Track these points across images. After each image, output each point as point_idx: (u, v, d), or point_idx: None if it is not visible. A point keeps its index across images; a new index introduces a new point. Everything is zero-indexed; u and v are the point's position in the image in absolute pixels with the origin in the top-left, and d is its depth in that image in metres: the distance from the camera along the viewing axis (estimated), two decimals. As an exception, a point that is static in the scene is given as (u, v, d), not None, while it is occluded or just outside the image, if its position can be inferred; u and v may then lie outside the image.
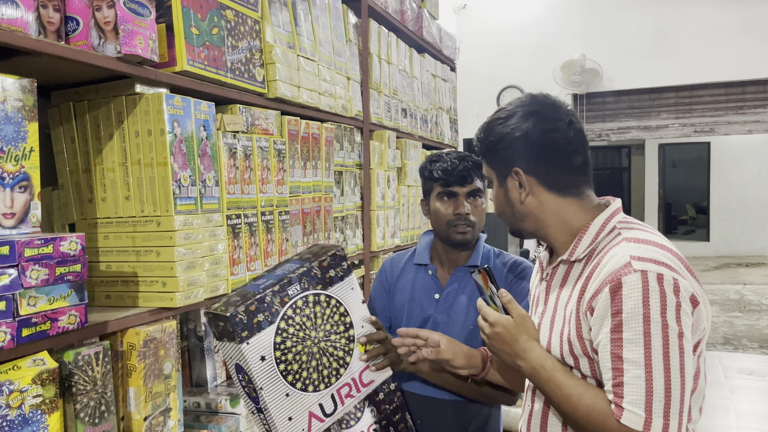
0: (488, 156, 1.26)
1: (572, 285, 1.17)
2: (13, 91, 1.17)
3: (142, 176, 1.46)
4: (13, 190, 1.17)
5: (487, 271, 1.22)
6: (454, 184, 1.72)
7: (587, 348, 1.11)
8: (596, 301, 1.07)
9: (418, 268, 1.83)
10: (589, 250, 1.17)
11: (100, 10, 1.31)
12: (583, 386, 1.12)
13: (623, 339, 1.03)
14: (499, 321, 1.20)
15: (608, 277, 1.06)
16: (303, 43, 2.10)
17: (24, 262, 1.10)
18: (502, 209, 1.26)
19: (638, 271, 1.03)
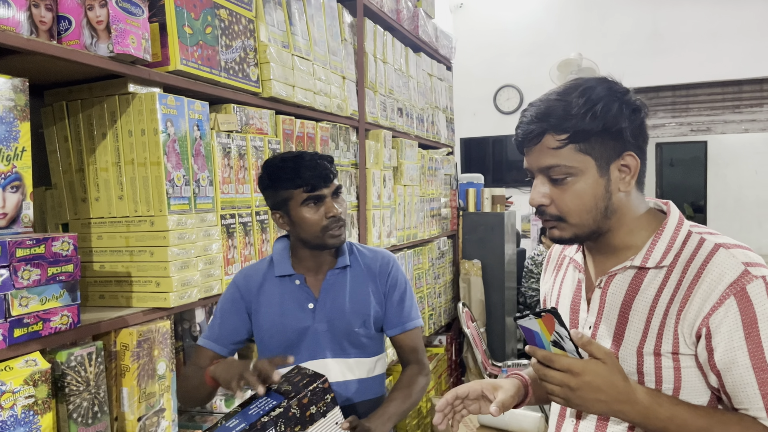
0: (586, 141, 1.03)
1: (655, 295, 1.04)
2: (4, 91, 1.17)
3: (135, 176, 1.46)
4: (5, 190, 1.16)
5: (555, 314, 0.99)
6: (319, 187, 1.51)
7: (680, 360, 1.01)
8: (716, 316, 0.97)
9: (282, 279, 1.59)
10: (671, 257, 1.05)
11: (92, 9, 1.30)
12: (716, 413, 1.00)
13: (764, 350, 0.95)
14: (587, 368, 0.99)
15: (728, 289, 0.96)
16: (298, 42, 2.10)
17: (16, 263, 1.10)
18: (593, 204, 1.05)
19: (759, 277, 0.96)
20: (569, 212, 1.05)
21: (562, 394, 1.00)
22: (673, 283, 1.02)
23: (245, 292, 1.57)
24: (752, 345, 0.95)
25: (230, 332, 1.57)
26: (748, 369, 0.95)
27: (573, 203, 1.05)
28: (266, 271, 1.60)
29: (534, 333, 1.02)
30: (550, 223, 1.08)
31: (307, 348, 1.56)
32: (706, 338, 0.98)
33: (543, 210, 1.08)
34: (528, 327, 1.02)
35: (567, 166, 1.03)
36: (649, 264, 1.05)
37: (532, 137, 1.04)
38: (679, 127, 6.07)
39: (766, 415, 0.95)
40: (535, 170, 1.06)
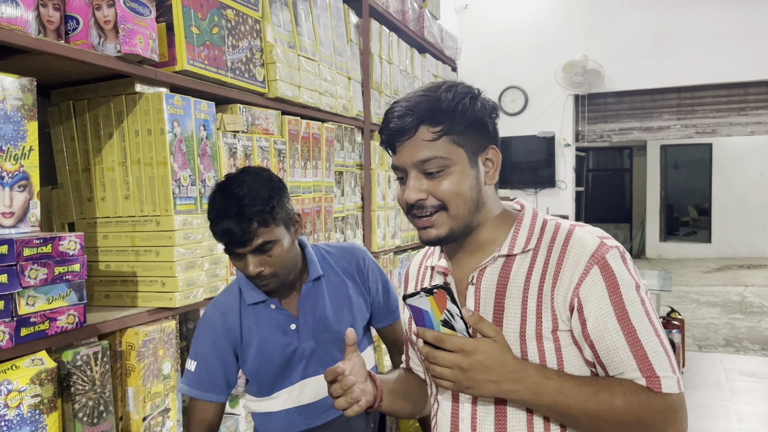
0: (458, 134, 1.04)
1: (525, 278, 1.06)
2: (12, 90, 1.17)
3: (141, 176, 1.46)
4: (12, 189, 1.16)
5: (447, 291, 0.96)
6: (234, 249, 1.35)
7: (559, 340, 1.02)
8: (584, 286, 1.00)
9: (256, 307, 1.49)
10: (534, 241, 1.08)
11: (100, 9, 1.30)
12: (600, 380, 1.01)
13: (629, 313, 0.99)
14: (479, 347, 0.97)
15: (590, 260, 1.01)
16: (304, 42, 2.10)
17: (23, 262, 1.10)
18: (468, 195, 1.05)
19: (614, 247, 1.02)
20: (449, 199, 1.04)
21: (453, 377, 0.98)
22: (541, 263, 1.06)
23: (225, 332, 1.46)
24: (618, 309, 0.99)
25: (222, 378, 1.47)
26: (618, 333, 0.99)
27: (451, 191, 1.05)
28: (239, 302, 1.49)
29: (424, 313, 0.99)
30: (428, 220, 1.05)
31: (298, 370, 1.51)
32: (578, 310, 1.00)
33: (422, 204, 1.05)
34: (418, 306, 0.99)
35: (443, 157, 1.03)
36: (515, 251, 1.07)
37: (407, 129, 1.04)
38: (684, 129, 6.06)
39: (641, 374, 0.98)
40: (409, 166, 1.05)
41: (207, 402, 1.45)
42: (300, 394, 1.54)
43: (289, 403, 1.55)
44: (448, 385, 0.99)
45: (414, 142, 1.04)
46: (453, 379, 0.98)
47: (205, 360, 1.45)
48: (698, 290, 8.83)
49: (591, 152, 14.76)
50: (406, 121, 1.04)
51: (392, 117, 1.05)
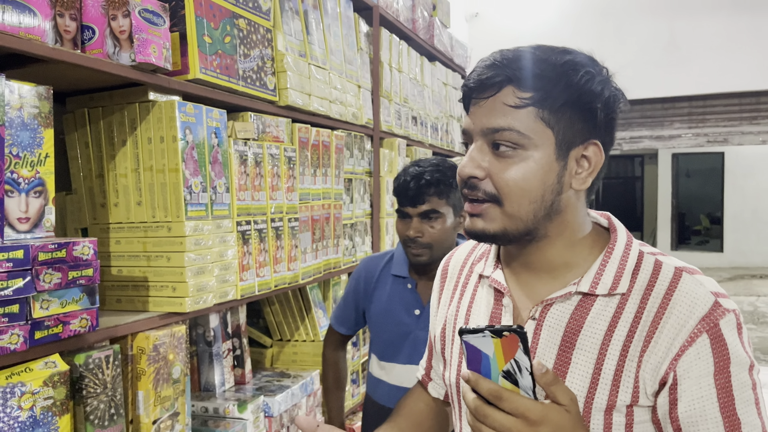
0: (552, 111, 0.82)
1: (606, 331, 0.83)
2: (29, 98, 1.19)
3: (153, 182, 1.48)
4: (28, 195, 1.19)
5: (521, 337, 0.73)
6: (405, 205, 1.62)
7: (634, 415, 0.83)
8: (686, 358, 0.79)
9: (396, 279, 1.72)
10: (626, 283, 0.85)
11: (115, 19, 1.33)
12: None
13: (736, 401, 0.79)
14: (548, 417, 0.73)
15: (700, 324, 0.79)
16: (314, 51, 2.12)
17: (38, 266, 1.12)
18: (539, 193, 0.83)
19: (731, 311, 0.80)
20: (509, 194, 0.81)
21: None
22: (631, 315, 0.83)
23: (366, 279, 1.81)
24: (723, 394, 0.78)
25: (349, 319, 1.88)
26: (718, 424, 0.78)
27: (516, 183, 0.81)
28: (384, 266, 1.78)
29: (483, 356, 0.76)
30: (478, 206, 0.84)
31: (407, 352, 1.67)
32: (671, 386, 0.80)
33: (474, 184, 0.83)
34: (476, 346, 0.76)
35: (520, 132, 0.81)
36: (599, 290, 0.85)
37: (489, 85, 0.82)
38: (695, 137, 6.04)
39: None
40: (477, 131, 0.84)
41: (336, 331, 1.93)
42: (399, 376, 1.70)
43: (393, 379, 1.73)
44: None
45: (491, 104, 0.82)
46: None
47: (344, 301, 1.90)
48: (710, 300, 8.76)
49: (602, 160, 14.69)
50: (489, 75, 0.82)
51: (477, 67, 0.85)
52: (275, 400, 1.85)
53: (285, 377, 2.05)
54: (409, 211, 1.64)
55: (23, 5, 1.19)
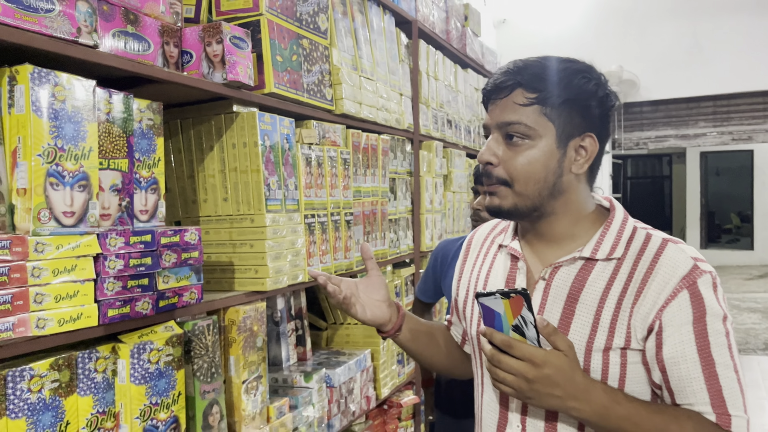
0: (553, 107, 1.00)
1: (604, 288, 1.01)
2: (146, 113, 1.46)
3: (238, 181, 1.75)
4: (147, 191, 1.46)
5: (525, 297, 0.92)
6: (477, 183, 2.08)
7: (627, 356, 0.99)
8: (669, 309, 0.96)
9: None
10: (621, 249, 1.02)
11: (210, 45, 1.60)
12: (669, 409, 0.97)
13: (711, 345, 0.95)
14: (549, 360, 0.92)
15: (681, 282, 0.96)
16: (364, 64, 2.38)
17: (160, 248, 1.39)
18: (543, 175, 1.01)
19: (707, 272, 0.97)
20: (517, 177, 1.01)
21: (515, 384, 0.94)
22: (624, 276, 1.00)
23: (441, 261, 2.29)
24: (700, 339, 0.94)
25: (429, 290, 2.42)
26: (696, 363, 0.94)
27: (523, 168, 1.00)
28: (457, 247, 2.11)
29: (495, 314, 0.95)
30: (493, 187, 1.03)
31: None
32: (657, 332, 0.96)
33: (489, 171, 1.03)
34: (490, 306, 0.95)
35: (527, 125, 1.00)
36: (598, 255, 1.02)
37: (503, 88, 1.02)
38: (720, 136, 6.17)
39: (712, 410, 0.94)
40: (493, 126, 1.03)
41: (419, 300, 2.52)
42: None
43: None
44: (507, 391, 0.96)
45: (504, 103, 1.02)
46: (515, 386, 0.94)
47: (424, 274, 2.46)
48: (740, 296, 8.82)
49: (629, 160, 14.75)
50: (504, 80, 1.02)
51: (494, 75, 1.06)
52: (336, 372, 2.10)
53: (341, 355, 2.30)
54: (479, 189, 2.00)
55: (140, 36, 1.46)
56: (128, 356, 1.30)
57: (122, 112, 1.37)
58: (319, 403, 2.01)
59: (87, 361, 1.24)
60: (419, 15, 3.03)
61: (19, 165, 1.12)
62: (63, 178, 1.18)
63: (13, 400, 1.11)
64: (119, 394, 1.31)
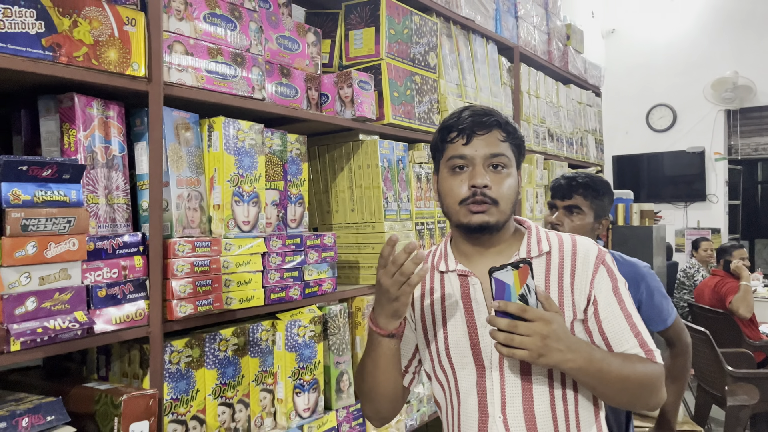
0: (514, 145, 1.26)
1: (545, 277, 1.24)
2: (296, 144, 1.90)
3: (362, 195, 2.16)
4: (295, 204, 1.89)
5: (530, 266, 1.12)
6: (554, 197, 2.08)
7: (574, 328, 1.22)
8: (596, 281, 1.23)
9: None
10: (546, 246, 1.26)
11: (342, 88, 2.02)
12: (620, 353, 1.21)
13: (625, 302, 1.24)
14: (554, 318, 1.11)
15: (596, 261, 1.24)
16: (468, 91, 2.73)
17: (307, 248, 1.82)
18: (514, 196, 1.25)
19: (608, 252, 1.28)
20: (502, 197, 1.22)
21: (533, 344, 1.08)
22: (556, 265, 1.25)
23: None
24: (618, 299, 1.23)
25: None
26: (622, 317, 1.22)
27: (506, 191, 1.22)
28: None
29: (506, 286, 1.11)
30: (484, 206, 1.21)
31: None
32: (594, 300, 1.22)
33: (484, 192, 1.20)
34: (502, 279, 1.11)
35: (507, 157, 1.23)
36: (532, 254, 1.26)
37: (487, 125, 1.22)
38: None
39: (641, 349, 1.22)
40: (480, 156, 1.21)
41: None
42: None
43: None
44: (524, 354, 1.09)
45: (490, 138, 1.23)
46: (532, 346, 1.08)
47: None
48: None
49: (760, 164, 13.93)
50: (486, 119, 1.24)
51: (472, 112, 1.25)
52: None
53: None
54: (555, 203, 2.06)
55: (291, 85, 1.90)
56: (284, 330, 1.74)
57: (279, 146, 1.81)
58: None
59: (255, 332, 1.69)
60: (520, 41, 3.33)
61: (215, 188, 1.58)
62: (242, 197, 1.63)
63: (209, 356, 1.56)
64: (277, 358, 1.75)
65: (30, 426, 1.11)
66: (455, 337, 1.27)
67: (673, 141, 6.28)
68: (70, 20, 1.24)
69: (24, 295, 1.16)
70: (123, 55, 1.33)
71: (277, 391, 1.74)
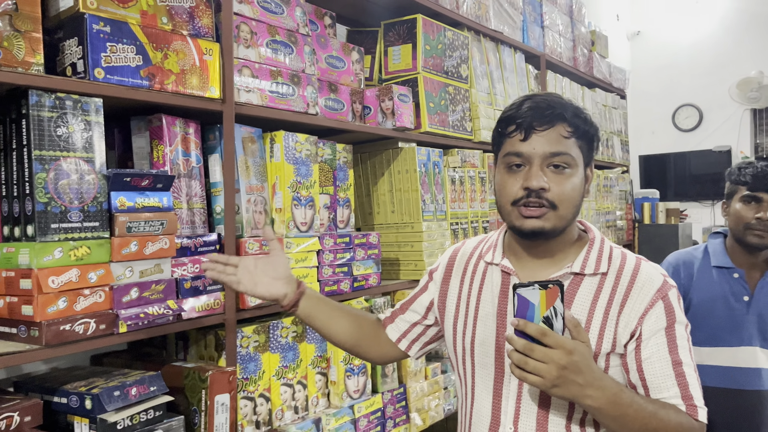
0: (583, 141, 1.12)
1: (592, 300, 1.11)
2: (343, 153, 2.11)
3: (402, 198, 2.36)
4: (343, 207, 2.10)
5: (561, 288, 1.00)
6: (759, 190, 1.84)
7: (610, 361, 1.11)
8: (648, 317, 1.09)
9: (720, 271, 1.92)
10: (604, 266, 1.13)
11: (383, 101, 2.22)
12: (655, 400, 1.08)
13: (678, 346, 1.09)
14: (577, 348, 0.99)
15: (656, 294, 1.10)
16: (497, 99, 2.91)
17: (355, 246, 2.02)
18: (578, 199, 1.12)
19: (674, 286, 1.13)
20: (563, 201, 1.08)
21: (547, 372, 0.96)
22: (609, 288, 1.11)
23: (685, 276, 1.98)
24: (671, 342, 1.09)
25: None
26: (668, 362, 1.08)
27: (568, 193, 1.08)
28: (702, 260, 1.97)
29: (530, 305, 0.99)
30: (540, 210, 1.08)
31: (738, 334, 1.88)
32: (638, 336, 1.09)
33: (540, 194, 1.07)
34: (526, 297, 0.99)
35: (571, 156, 1.09)
36: (586, 270, 1.12)
37: (548, 120, 1.08)
38: None
39: (682, 401, 1.07)
40: (538, 155, 1.08)
41: None
42: (734, 357, 1.90)
43: (725, 361, 1.90)
44: (536, 381, 0.98)
45: (551, 134, 1.08)
46: (546, 374, 0.97)
47: None
48: None
49: (791, 160, 13.80)
50: (548, 113, 1.09)
51: (531, 107, 1.11)
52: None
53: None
54: (762, 196, 1.83)
55: (338, 100, 2.11)
56: (336, 319, 1.94)
57: (329, 155, 2.02)
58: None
59: (311, 321, 1.90)
60: (546, 49, 3.50)
61: (277, 194, 1.80)
62: (300, 201, 1.84)
63: (273, 341, 1.77)
64: (330, 345, 1.95)
65: (138, 394, 1.33)
66: (483, 334, 1.19)
67: (699, 140, 6.36)
68: (162, 53, 1.46)
69: (129, 286, 1.39)
70: (202, 80, 1.55)
71: (330, 374, 1.95)
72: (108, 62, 1.35)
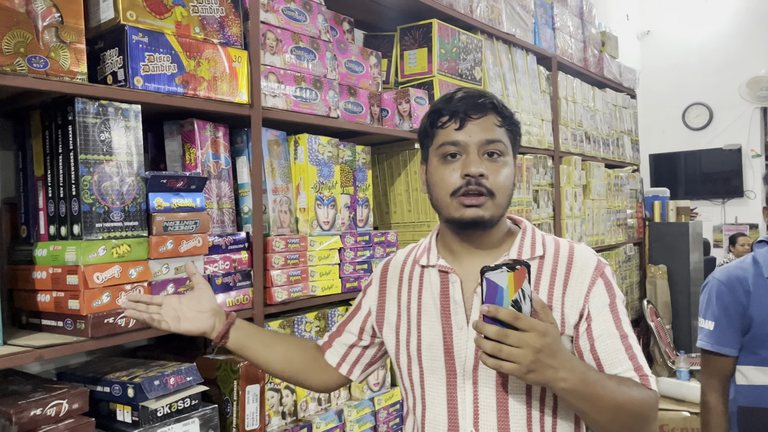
0: (510, 131, 1.14)
1: (534, 284, 1.12)
2: (362, 154, 2.18)
3: (418, 198, 2.43)
4: (362, 207, 2.18)
5: (528, 268, 0.97)
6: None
7: None
8: (592, 295, 1.10)
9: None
10: (540, 250, 1.15)
11: (401, 104, 2.30)
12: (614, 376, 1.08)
13: (621, 321, 1.11)
14: (549, 330, 0.95)
15: (594, 272, 1.12)
16: (510, 100, 2.98)
17: (374, 244, 2.10)
18: (511, 188, 1.13)
19: (607, 264, 1.15)
20: (499, 189, 1.08)
21: (523, 357, 0.93)
22: (549, 272, 1.12)
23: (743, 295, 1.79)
24: (615, 317, 1.11)
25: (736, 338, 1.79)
26: (617, 337, 1.09)
27: (503, 181, 1.09)
28: (754, 272, 1.79)
29: (498, 289, 0.96)
30: (478, 199, 1.08)
31: None
32: (588, 316, 1.10)
33: (480, 181, 1.07)
34: (495, 281, 0.95)
35: (504, 144, 1.10)
36: (524, 256, 1.13)
37: (481, 108, 1.09)
38: None
39: (635, 373, 1.08)
40: (474, 143, 1.08)
41: (727, 357, 1.81)
42: None
43: None
44: (512, 368, 0.94)
45: (485, 122, 1.09)
46: (522, 360, 0.93)
47: (725, 318, 1.81)
48: None
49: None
50: (482, 102, 1.10)
51: (465, 94, 1.12)
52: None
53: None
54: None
55: (357, 103, 2.19)
56: (357, 314, 2.02)
57: (350, 156, 2.10)
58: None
59: (333, 316, 1.97)
60: (558, 50, 3.56)
61: (301, 194, 1.87)
62: (323, 201, 1.92)
63: (297, 335, 1.85)
64: (350, 339, 2.03)
65: (176, 384, 1.41)
66: (429, 337, 1.16)
67: (709, 139, 6.39)
68: (195, 61, 1.54)
69: (165, 282, 1.47)
70: (232, 86, 1.63)
71: (351, 367, 2.02)
72: (146, 71, 1.43)
